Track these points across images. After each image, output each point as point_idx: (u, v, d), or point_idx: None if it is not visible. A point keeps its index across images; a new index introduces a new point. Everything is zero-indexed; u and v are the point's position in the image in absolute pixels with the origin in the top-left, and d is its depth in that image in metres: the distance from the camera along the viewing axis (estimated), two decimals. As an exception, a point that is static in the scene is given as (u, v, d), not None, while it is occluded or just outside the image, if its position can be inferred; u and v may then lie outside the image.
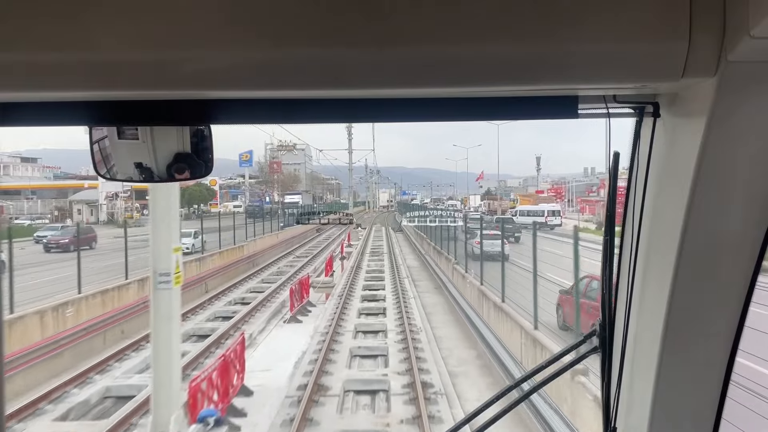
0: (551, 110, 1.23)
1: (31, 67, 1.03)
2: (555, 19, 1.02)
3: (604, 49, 1.05)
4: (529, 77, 1.08)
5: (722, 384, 1.37)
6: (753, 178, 1.19)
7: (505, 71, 1.07)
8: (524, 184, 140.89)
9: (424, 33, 1.03)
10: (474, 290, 17.28)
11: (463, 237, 23.32)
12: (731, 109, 1.10)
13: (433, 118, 1.23)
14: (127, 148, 1.30)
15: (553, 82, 1.10)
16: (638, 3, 1.02)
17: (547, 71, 1.07)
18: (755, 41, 0.96)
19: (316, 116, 1.22)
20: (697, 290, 1.29)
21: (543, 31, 1.02)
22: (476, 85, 1.10)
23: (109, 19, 1.01)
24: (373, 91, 1.15)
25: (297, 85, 1.09)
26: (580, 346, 1.55)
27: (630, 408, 1.49)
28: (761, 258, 1.27)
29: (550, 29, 1.02)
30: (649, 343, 1.38)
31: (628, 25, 1.02)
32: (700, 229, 1.22)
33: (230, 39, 1.03)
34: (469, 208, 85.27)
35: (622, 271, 1.45)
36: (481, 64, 1.06)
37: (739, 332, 1.33)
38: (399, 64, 1.06)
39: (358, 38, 1.03)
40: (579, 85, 1.15)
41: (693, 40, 1.02)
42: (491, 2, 1.03)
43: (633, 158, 1.36)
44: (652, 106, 1.25)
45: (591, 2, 1.02)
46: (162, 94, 1.13)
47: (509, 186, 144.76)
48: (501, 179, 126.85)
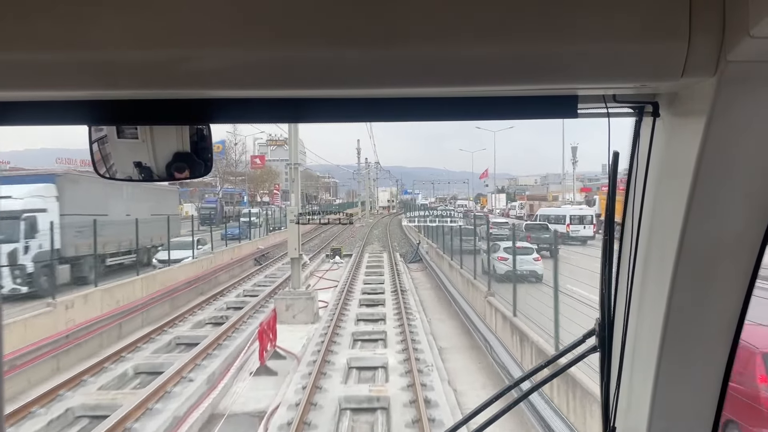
0: (551, 110, 1.23)
1: (31, 66, 1.03)
2: (554, 19, 1.02)
3: (603, 49, 1.05)
4: (528, 77, 1.08)
5: (721, 383, 1.37)
6: (752, 178, 1.19)
7: (505, 71, 1.07)
8: (544, 182, 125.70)
9: (424, 33, 1.03)
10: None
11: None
12: (731, 108, 1.10)
13: (433, 118, 1.23)
14: (126, 148, 1.30)
15: (552, 81, 1.10)
16: (638, 3, 1.02)
17: (547, 71, 1.07)
18: (755, 41, 0.96)
19: (316, 116, 1.22)
20: (696, 290, 1.29)
21: (542, 30, 1.02)
22: (476, 84, 1.10)
23: (109, 19, 1.01)
24: (373, 91, 1.15)
25: (297, 84, 1.09)
26: (579, 346, 1.55)
27: (629, 408, 1.49)
28: (760, 257, 1.27)
29: (550, 29, 1.02)
30: (649, 343, 1.38)
31: (627, 24, 1.02)
32: (700, 228, 1.23)
33: (230, 39, 1.03)
34: (491, 211, 70.09)
35: (621, 270, 1.45)
36: (481, 63, 1.06)
37: (739, 331, 1.33)
38: (399, 64, 1.06)
39: (359, 38, 1.03)
40: (578, 85, 1.15)
41: (692, 40, 1.02)
42: (491, 2, 1.03)
43: (632, 158, 1.36)
44: (652, 106, 1.25)
45: (590, 2, 1.02)
46: (162, 94, 1.13)
47: (522, 185, 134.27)
48: (511, 177, 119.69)
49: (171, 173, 1.31)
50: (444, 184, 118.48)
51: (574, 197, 59.74)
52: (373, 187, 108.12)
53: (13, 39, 1.01)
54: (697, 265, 1.27)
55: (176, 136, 1.30)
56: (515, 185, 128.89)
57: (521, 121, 2.52)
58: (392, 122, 1.31)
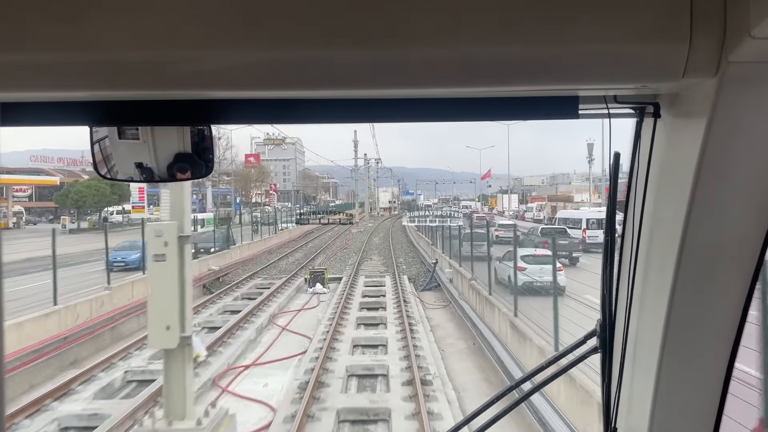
0: (552, 110, 1.23)
1: (31, 67, 1.03)
2: (555, 20, 1.02)
3: (604, 50, 1.04)
4: (529, 77, 1.08)
5: (723, 384, 1.37)
6: (753, 178, 1.19)
7: (505, 71, 1.07)
8: (552, 182, 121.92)
9: (425, 33, 1.03)
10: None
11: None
12: (732, 109, 1.10)
13: (433, 118, 1.23)
14: (127, 148, 1.30)
15: (553, 82, 1.10)
16: (639, 3, 1.02)
17: (548, 71, 1.07)
18: (756, 42, 0.96)
19: (317, 116, 1.22)
20: (697, 290, 1.29)
21: (543, 31, 1.02)
22: (476, 85, 1.10)
23: (110, 19, 1.01)
24: (373, 91, 1.15)
25: (297, 85, 1.09)
26: (580, 347, 1.55)
27: (630, 408, 1.49)
28: (762, 258, 1.27)
29: (551, 29, 1.02)
30: (650, 344, 1.38)
31: (628, 25, 1.02)
32: (701, 229, 1.22)
33: (230, 39, 1.03)
34: (501, 213, 63.11)
35: (622, 271, 1.45)
36: (481, 64, 1.06)
37: (740, 332, 1.33)
38: (399, 64, 1.06)
39: (359, 38, 1.03)
40: (579, 86, 1.15)
41: (693, 41, 1.02)
42: (492, 3, 1.03)
43: (633, 159, 1.36)
44: (653, 107, 1.25)
45: (591, 3, 1.02)
46: (163, 94, 1.13)
47: (528, 185, 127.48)
48: (515, 178, 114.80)
49: (172, 174, 1.32)
50: (448, 184, 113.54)
51: (590, 198, 55.74)
52: (373, 187, 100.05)
53: (14, 40, 1.01)
54: (699, 266, 1.26)
55: (177, 137, 1.31)
56: (520, 185, 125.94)
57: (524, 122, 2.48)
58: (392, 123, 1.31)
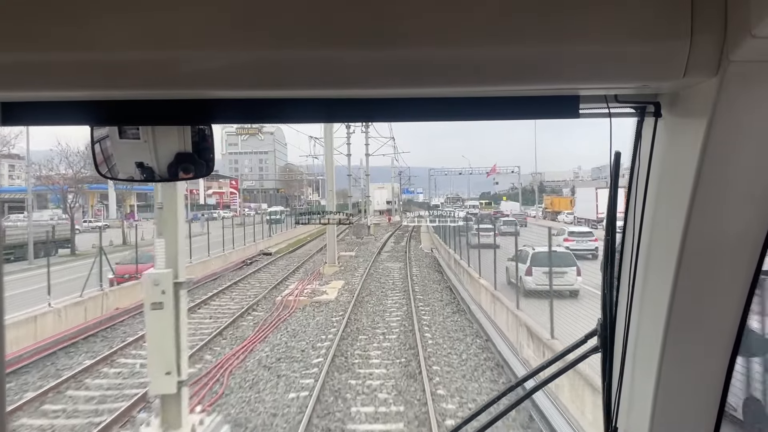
0: (552, 110, 1.23)
1: (33, 67, 1.03)
2: (556, 19, 1.02)
3: (605, 49, 1.04)
4: (530, 77, 1.08)
5: (723, 383, 1.37)
6: (754, 178, 1.19)
7: (506, 71, 1.07)
8: (589, 175, 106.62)
9: (425, 33, 1.03)
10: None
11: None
12: (733, 108, 1.10)
13: (433, 118, 1.23)
14: (128, 148, 1.30)
15: (554, 81, 1.10)
16: (639, 3, 1.02)
17: (549, 71, 1.07)
18: (757, 41, 0.96)
19: (317, 116, 1.22)
20: (698, 290, 1.29)
21: (544, 31, 1.02)
22: (477, 85, 1.10)
23: (111, 20, 1.01)
24: (373, 91, 1.15)
25: (297, 85, 1.09)
26: (581, 346, 1.55)
27: (631, 408, 1.49)
28: (762, 258, 1.27)
29: (552, 29, 1.02)
30: (650, 343, 1.38)
31: (629, 24, 1.02)
32: (702, 228, 1.22)
33: (230, 39, 1.03)
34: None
35: (623, 270, 1.45)
36: (481, 63, 1.06)
37: (740, 332, 1.33)
38: (399, 64, 1.06)
39: (359, 38, 1.03)
40: (580, 85, 1.15)
41: (694, 40, 1.02)
42: (492, 2, 1.02)
43: (634, 158, 1.36)
44: (654, 106, 1.25)
45: (592, 2, 1.02)
46: (163, 94, 1.13)
47: (551, 181, 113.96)
48: (534, 173, 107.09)
49: (173, 173, 1.32)
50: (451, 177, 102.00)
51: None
52: (365, 183, 57.39)
53: (15, 40, 1.01)
54: (699, 265, 1.26)
55: (178, 137, 1.31)
56: (540, 182, 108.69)
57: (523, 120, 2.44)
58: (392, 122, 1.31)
